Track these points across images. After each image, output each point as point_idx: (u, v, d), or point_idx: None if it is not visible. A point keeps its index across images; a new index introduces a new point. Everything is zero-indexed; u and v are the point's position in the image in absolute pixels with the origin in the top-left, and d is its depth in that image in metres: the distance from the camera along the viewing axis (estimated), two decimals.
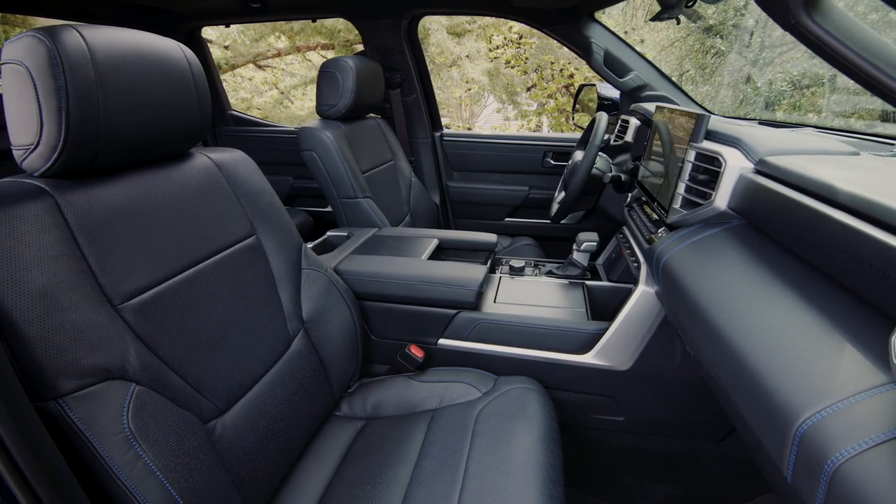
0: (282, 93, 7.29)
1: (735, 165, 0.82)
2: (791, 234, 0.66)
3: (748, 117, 1.50)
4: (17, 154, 0.65)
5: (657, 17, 1.15)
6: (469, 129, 8.22)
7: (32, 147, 0.63)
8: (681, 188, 0.94)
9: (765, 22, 5.26)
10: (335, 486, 0.90)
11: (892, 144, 0.99)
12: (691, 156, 0.93)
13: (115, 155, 0.71)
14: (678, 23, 1.29)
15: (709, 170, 0.88)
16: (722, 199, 0.83)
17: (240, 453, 0.78)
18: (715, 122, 0.96)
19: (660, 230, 1.03)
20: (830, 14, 0.37)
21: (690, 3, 1.08)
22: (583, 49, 1.77)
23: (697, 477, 1.18)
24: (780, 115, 4.51)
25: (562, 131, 6.50)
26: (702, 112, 0.93)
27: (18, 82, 0.61)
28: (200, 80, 0.83)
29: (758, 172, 0.79)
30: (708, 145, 0.89)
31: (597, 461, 1.24)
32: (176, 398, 0.69)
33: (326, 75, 1.63)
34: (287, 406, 0.89)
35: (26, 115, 0.62)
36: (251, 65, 6.96)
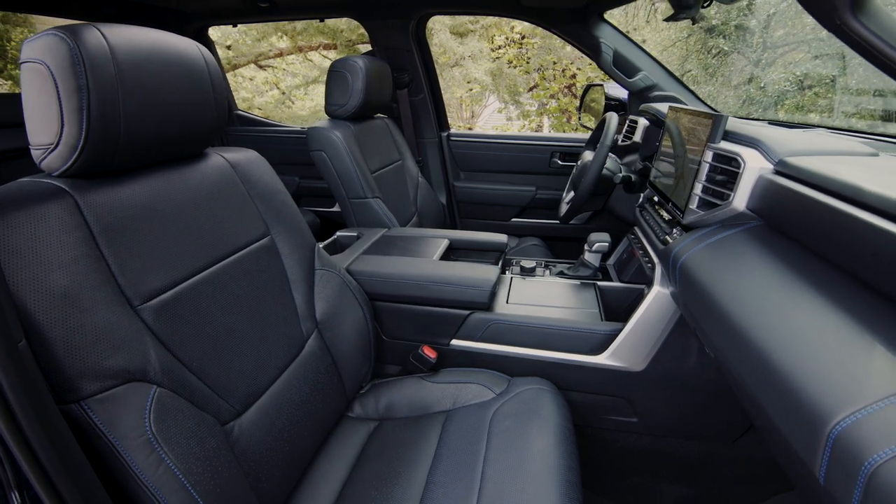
0: (283, 93, 7.30)
1: (754, 166, 0.81)
2: (816, 236, 0.65)
3: (753, 117, 1.50)
4: (35, 154, 0.65)
5: (672, 18, 1.14)
6: (470, 129, 8.22)
7: (52, 147, 0.63)
8: (697, 189, 0.93)
9: (766, 22, 5.26)
10: (350, 488, 0.90)
11: None
12: (708, 156, 0.92)
13: (133, 154, 0.70)
14: (693, 23, 1.28)
15: (726, 170, 0.88)
16: (741, 199, 0.83)
17: (257, 455, 0.77)
18: (732, 123, 0.95)
19: (674, 231, 1.03)
20: (877, 15, 0.36)
21: (707, 4, 1.07)
22: (592, 49, 1.77)
23: (712, 478, 1.17)
24: (782, 115, 4.51)
25: (564, 131, 6.50)
26: (719, 113, 0.93)
27: (39, 81, 0.61)
28: (217, 79, 0.83)
29: (777, 173, 0.79)
30: (726, 146, 0.89)
31: (610, 462, 1.24)
32: (195, 400, 0.69)
33: (336, 75, 1.62)
34: (302, 407, 0.89)
35: (46, 114, 0.62)
36: (252, 65, 6.97)
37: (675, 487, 1.21)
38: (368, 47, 2.11)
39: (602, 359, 1.11)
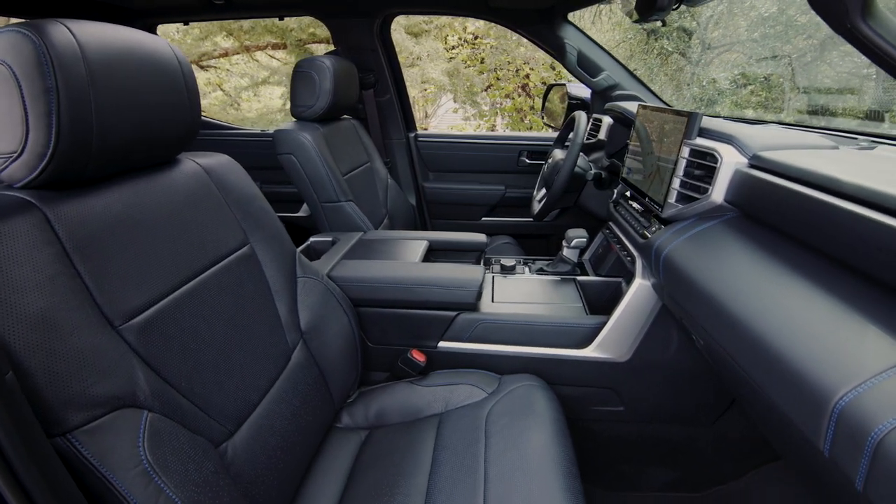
0: (227, 94, 6.99)
1: (730, 161, 0.86)
2: (796, 224, 0.70)
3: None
4: None
5: (642, 20, 1.19)
6: (425, 129, 8.20)
7: (15, 155, 0.57)
8: (676, 183, 0.97)
9: (705, 25, 5.59)
10: (348, 501, 0.87)
11: (856, 138, 1.07)
12: (685, 152, 0.96)
13: (107, 161, 0.65)
14: (664, 24, 1.34)
15: (703, 165, 0.92)
16: (719, 192, 0.87)
17: (253, 475, 0.74)
18: (705, 120, 1.00)
19: (652, 225, 1.07)
20: (884, 20, 0.39)
21: (676, 6, 1.12)
22: (556, 50, 1.80)
23: (694, 459, 1.23)
24: (723, 112, 4.80)
25: (519, 130, 6.61)
26: (693, 111, 0.97)
27: None
28: (191, 80, 0.78)
29: (752, 167, 0.83)
30: (701, 142, 0.93)
31: (598, 452, 1.27)
32: (187, 423, 0.65)
33: (302, 75, 1.57)
34: (293, 421, 0.86)
35: (8, 119, 0.56)
36: (194, 65, 6.62)
37: (662, 470, 1.25)
38: (320, 47, 2.06)
39: (589, 351, 1.14)
